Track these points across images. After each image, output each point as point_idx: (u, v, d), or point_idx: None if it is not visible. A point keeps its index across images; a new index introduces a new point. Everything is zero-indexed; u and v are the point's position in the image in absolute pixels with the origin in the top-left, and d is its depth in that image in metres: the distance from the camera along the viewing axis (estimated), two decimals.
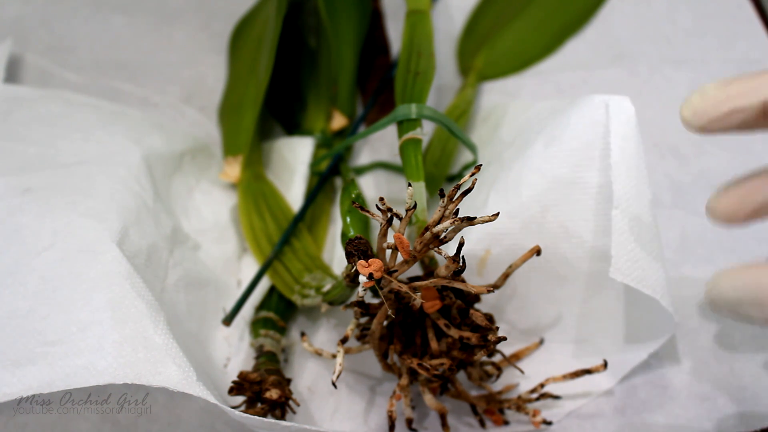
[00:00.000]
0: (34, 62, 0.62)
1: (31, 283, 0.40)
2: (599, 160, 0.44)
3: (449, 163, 0.53)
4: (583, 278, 0.46)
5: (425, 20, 0.50)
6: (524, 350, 0.47)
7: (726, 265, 0.50)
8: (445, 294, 0.41)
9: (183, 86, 0.62)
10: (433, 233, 0.37)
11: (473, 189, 0.38)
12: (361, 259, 0.37)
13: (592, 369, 0.43)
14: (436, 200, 0.49)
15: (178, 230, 0.49)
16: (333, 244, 0.53)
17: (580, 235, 0.44)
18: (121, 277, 0.40)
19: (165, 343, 0.39)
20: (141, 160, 0.49)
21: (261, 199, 0.52)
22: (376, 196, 0.55)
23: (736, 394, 0.46)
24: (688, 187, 0.54)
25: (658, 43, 0.62)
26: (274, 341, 0.46)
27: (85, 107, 0.53)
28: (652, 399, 0.46)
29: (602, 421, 0.45)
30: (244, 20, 0.63)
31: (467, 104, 0.57)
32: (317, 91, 0.58)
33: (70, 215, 0.42)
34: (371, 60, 0.63)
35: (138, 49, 0.64)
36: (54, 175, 0.45)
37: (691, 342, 0.48)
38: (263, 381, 0.42)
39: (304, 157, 0.54)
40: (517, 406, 0.43)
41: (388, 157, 0.58)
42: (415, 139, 0.44)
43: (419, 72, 0.47)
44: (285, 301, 0.48)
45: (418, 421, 0.45)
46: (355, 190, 0.43)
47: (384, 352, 0.43)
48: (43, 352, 0.38)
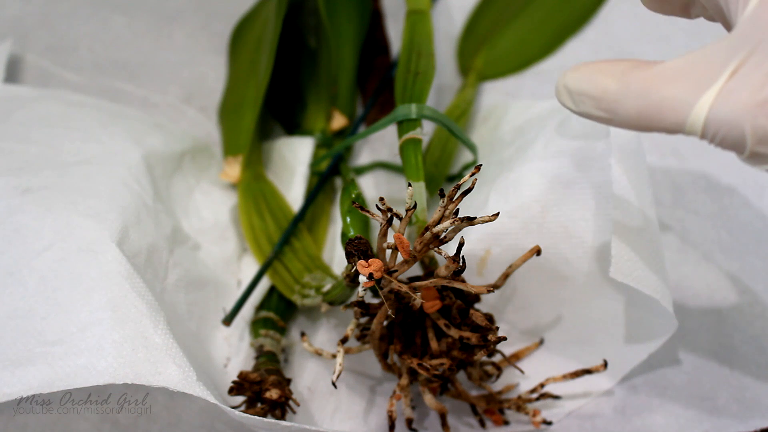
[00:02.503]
0: (34, 62, 0.62)
1: (31, 283, 0.40)
2: (599, 160, 0.44)
3: (449, 163, 0.53)
4: (583, 278, 0.46)
5: (425, 20, 0.50)
6: (524, 350, 0.47)
7: (726, 265, 0.51)
8: (445, 294, 0.41)
9: (183, 86, 0.62)
10: (433, 233, 0.37)
11: (473, 189, 0.38)
12: (361, 259, 0.37)
13: (592, 369, 0.43)
14: (436, 200, 0.49)
15: (178, 230, 0.49)
16: (333, 244, 0.53)
17: (580, 235, 0.44)
18: (121, 277, 0.40)
19: (165, 343, 0.39)
20: (141, 160, 0.49)
21: (261, 199, 0.52)
22: (376, 196, 0.55)
23: (736, 394, 0.46)
24: (688, 187, 0.54)
25: (658, 43, 0.62)
26: (274, 341, 0.46)
27: (85, 107, 0.53)
28: (652, 399, 0.46)
29: (602, 421, 0.45)
30: (244, 20, 0.63)
31: (467, 104, 0.57)
32: (317, 91, 0.58)
33: (70, 215, 0.42)
34: (371, 60, 0.63)
35: (138, 49, 0.64)
36: (54, 175, 0.45)
37: (691, 342, 0.48)
38: (263, 381, 0.42)
39: (304, 157, 0.54)
40: (517, 406, 0.43)
41: (388, 157, 0.58)
42: (415, 139, 0.44)
43: (419, 72, 0.46)
44: (285, 301, 0.48)
45: (418, 421, 0.45)
46: (355, 190, 0.43)
47: (384, 352, 0.43)
48: (43, 352, 0.38)
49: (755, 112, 0.29)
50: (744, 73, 0.29)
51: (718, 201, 0.54)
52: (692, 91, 0.30)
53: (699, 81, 0.30)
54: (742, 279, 0.50)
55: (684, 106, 0.30)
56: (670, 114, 0.31)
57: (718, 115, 0.30)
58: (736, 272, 0.50)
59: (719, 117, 0.30)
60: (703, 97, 0.30)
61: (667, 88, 0.31)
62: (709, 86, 0.30)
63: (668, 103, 0.31)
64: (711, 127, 0.30)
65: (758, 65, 0.29)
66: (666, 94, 0.31)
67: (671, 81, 0.31)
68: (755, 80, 0.29)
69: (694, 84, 0.30)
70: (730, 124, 0.29)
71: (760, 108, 0.29)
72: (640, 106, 0.31)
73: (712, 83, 0.30)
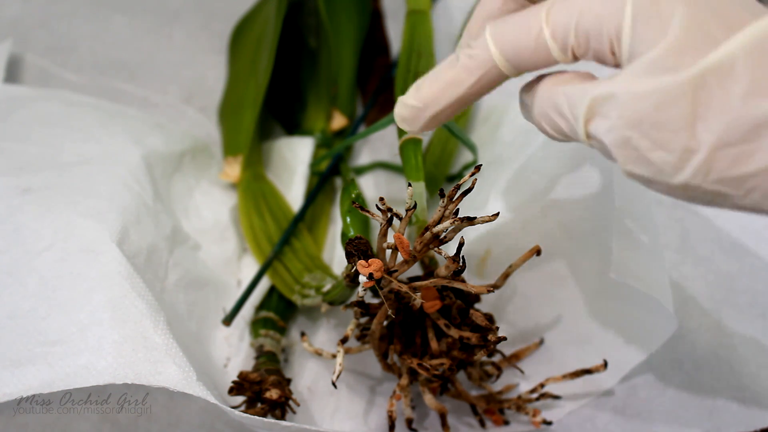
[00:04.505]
0: (34, 62, 0.62)
1: (31, 283, 0.40)
2: (599, 161, 0.44)
3: (449, 163, 0.53)
4: (583, 278, 0.46)
5: (425, 20, 0.50)
6: (524, 350, 0.47)
7: (726, 265, 0.51)
8: (445, 294, 0.41)
9: (183, 86, 0.62)
10: (433, 233, 0.37)
11: (473, 189, 0.38)
12: (361, 259, 0.37)
13: (592, 369, 0.43)
14: (436, 200, 0.49)
15: (178, 230, 0.49)
16: (333, 244, 0.53)
17: (580, 235, 0.44)
18: (121, 277, 0.40)
19: (165, 343, 0.39)
20: (141, 160, 0.49)
21: (261, 199, 0.52)
22: (376, 196, 0.55)
23: (736, 394, 0.46)
24: None
25: None
26: (274, 341, 0.46)
27: (85, 107, 0.53)
28: (652, 399, 0.46)
29: (602, 421, 0.45)
30: (244, 20, 0.63)
31: None
32: (317, 91, 0.58)
33: (70, 215, 0.42)
34: (371, 60, 0.63)
35: (138, 49, 0.64)
36: (54, 175, 0.45)
37: (691, 342, 0.48)
38: (263, 381, 0.42)
39: (304, 157, 0.54)
40: (517, 406, 0.43)
41: (388, 157, 0.58)
42: (415, 139, 0.44)
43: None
44: (285, 301, 0.48)
45: (418, 421, 0.45)
46: (355, 190, 0.43)
47: (384, 352, 0.43)
48: (43, 352, 0.38)
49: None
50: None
51: None
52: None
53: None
54: (742, 279, 0.50)
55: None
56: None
57: None
58: (736, 272, 0.50)
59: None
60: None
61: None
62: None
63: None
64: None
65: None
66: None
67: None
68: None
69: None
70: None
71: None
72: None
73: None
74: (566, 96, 0.31)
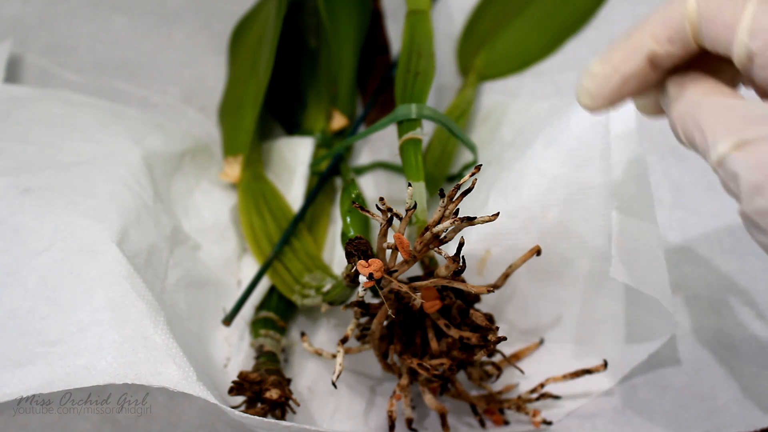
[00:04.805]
0: (34, 62, 0.62)
1: (31, 283, 0.40)
2: (599, 160, 0.44)
3: (449, 163, 0.53)
4: (583, 278, 0.46)
5: (425, 20, 0.50)
6: (524, 350, 0.47)
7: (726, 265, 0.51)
8: (445, 294, 0.41)
9: (183, 86, 0.62)
10: (433, 233, 0.37)
11: (473, 189, 0.38)
12: (361, 259, 0.37)
13: (592, 369, 0.43)
14: (436, 200, 0.49)
15: (178, 230, 0.49)
16: (333, 244, 0.53)
17: (580, 235, 0.44)
18: (121, 277, 0.40)
19: (165, 343, 0.39)
20: (141, 160, 0.49)
21: (261, 199, 0.52)
22: (376, 196, 0.55)
23: (736, 394, 0.46)
24: (688, 187, 0.54)
25: None
26: (274, 341, 0.46)
27: (85, 107, 0.53)
28: (652, 399, 0.46)
29: (602, 421, 0.45)
30: (244, 20, 0.63)
31: (467, 104, 0.57)
32: (317, 91, 0.58)
33: (70, 215, 0.42)
34: (371, 60, 0.63)
35: (138, 49, 0.64)
36: (54, 175, 0.45)
37: (691, 342, 0.48)
38: (263, 381, 0.42)
39: (304, 157, 0.54)
40: (517, 406, 0.43)
41: (388, 157, 0.58)
42: (415, 139, 0.44)
43: (419, 72, 0.46)
44: (285, 301, 0.48)
45: (418, 421, 0.45)
46: (355, 190, 0.43)
47: (384, 352, 0.43)
48: (43, 352, 0.38)
49: None
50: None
51: (718, 201, 0.54)
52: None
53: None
54: (742, 279, 0.50)
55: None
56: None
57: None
58: (736, 272, 0.50)
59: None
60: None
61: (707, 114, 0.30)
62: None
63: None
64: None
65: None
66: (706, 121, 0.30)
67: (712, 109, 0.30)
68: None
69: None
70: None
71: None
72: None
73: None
74: (715, 115, 0.30)
